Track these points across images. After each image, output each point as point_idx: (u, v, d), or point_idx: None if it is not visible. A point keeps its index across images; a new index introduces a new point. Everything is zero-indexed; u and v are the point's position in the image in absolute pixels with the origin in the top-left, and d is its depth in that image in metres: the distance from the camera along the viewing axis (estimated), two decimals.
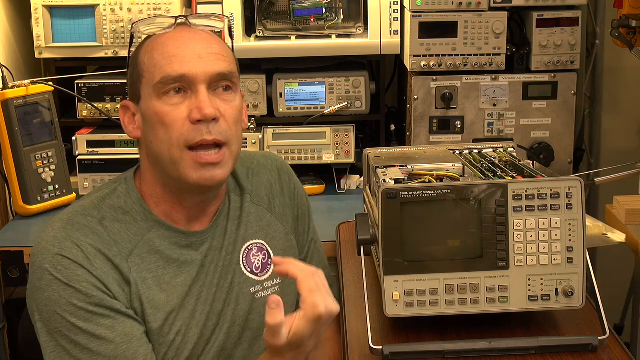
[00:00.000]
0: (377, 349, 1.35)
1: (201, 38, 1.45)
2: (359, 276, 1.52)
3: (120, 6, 2.49)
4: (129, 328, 1.39)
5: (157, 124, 1.41)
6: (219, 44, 1.46)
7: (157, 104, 1.41)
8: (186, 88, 1.41)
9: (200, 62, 1.41)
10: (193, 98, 1.40)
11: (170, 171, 1.43)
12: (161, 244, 1.46)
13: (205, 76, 1.40)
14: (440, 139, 2.47)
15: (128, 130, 1.49)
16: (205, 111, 1.38)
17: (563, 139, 2.47)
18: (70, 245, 1.38)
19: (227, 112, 1.43)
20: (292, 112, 2.55)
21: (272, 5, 2.51)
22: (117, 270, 1.41)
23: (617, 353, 1.36)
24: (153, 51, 1.44)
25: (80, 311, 1.36)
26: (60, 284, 1.36)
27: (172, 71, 1.40)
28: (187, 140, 1.40)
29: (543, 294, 1.39)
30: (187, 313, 1.47)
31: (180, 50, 1.42)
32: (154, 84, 1.41)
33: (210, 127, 1.40)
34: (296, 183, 1.69)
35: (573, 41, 2.41)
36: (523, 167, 1.54)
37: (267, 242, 1.58)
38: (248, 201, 1.59)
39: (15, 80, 2.32)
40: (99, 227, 1.43)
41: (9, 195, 2.36)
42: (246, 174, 1.61)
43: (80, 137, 2.50)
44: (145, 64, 1.43)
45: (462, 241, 1.38)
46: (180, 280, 1.47)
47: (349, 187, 2.54)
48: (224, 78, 1.43)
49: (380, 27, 2.49)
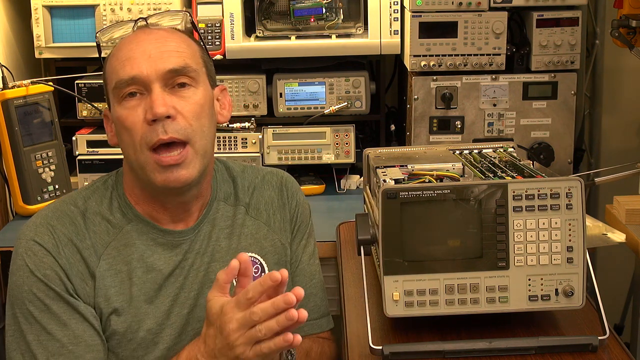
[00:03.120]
0: (377, 349, 1.35)
1: (155, 37, 1.44)
2: (359, 276, 1.52)
3: (120, 6, 2.49)
4: (80, 331, 1.40)
5: (121, 129, 1.43)
6: (175, 41, 1.44)
7: (118, 109, 1.42)
8: (142, 90, 1.40)
9: (150, 62, 1.40)
10: (148, 99, 1.40)
11: (141, 175, 1.44)
12: (138, 238, 1.47)
13: (156, 74, 1.39)
14: (440, 139, 2.46)
15: (108, 138, 1.51)
16: (155, 110, 1.37)
17: (563, 139, 2.47)
18: (44, 231, 1.42)
19: (185, 108, 1.41)
20: (292, 112, 2.55)
21: (272, 5, 2.51)
22: (84, 262, 1.42)
23: (617, 353, 1.36)
24: (112, 57, 1.45)
25: (38, 301, 1.39)
26: (26, 270, 1.39)
27: (124, 74, 1.40)
28: (147, 142, 1.39)
29: (543, 294, 1.39)
30: (159, 312, 1.46)
31: (132, 52, 1.42)
32: (112, 89, 1.43)
33: (166, 125, 1.39)
34: (299, 200, 1.65)
35: (573, 41, 2.41)
36: (523, 167, 1.54)
37: (261, 256, 1.57)
38: (242, 213, 1.57)
39: (15, 80, 2.32)
40: (80, 218, 1.45)
41: (9, 195, 2.36)
42: (247, 187, 1.60)
43: (80, 137, 2.50)
44: (107, 71, 1.45)
45: (462, 241, 1.38)
46: (151, 276, 1.46)
47: (349, 187, 2.54)
48: (177, 74, 1.41)
49: (380, 27, 2.49)
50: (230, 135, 2.49)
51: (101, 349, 1.42)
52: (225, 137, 2.48)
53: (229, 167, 1.62)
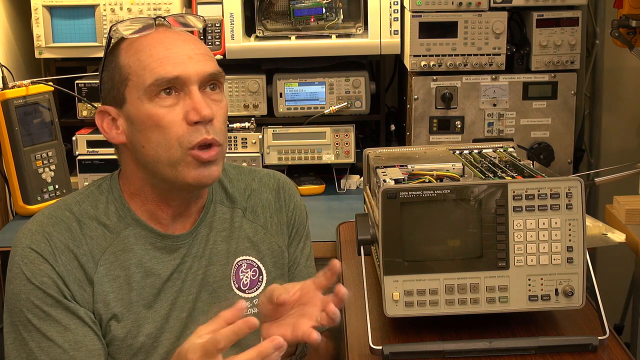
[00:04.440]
0: (377, 349, 1.35)
1: (186, 39, 1.45)
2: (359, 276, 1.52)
3: (120, 6, 2.49)
4: (80, 336, 1.39)
5: (150, 126, 1.40)
6: (202, 45, 1.47)
7: (149, 106, 1.40)
8: (178, 89, 1.40)
9: (192, 63, 1.40)
10: (187, 99, 1.40)
11: (167, 172, 1.42)
12: (135, 243, 1.46)
13: (197, 77, 1.40)
14: (440, 139, 2.47)
15: (110, 136, 1.46)
16: (203, 112, 1.38)
17: (563, 139, 2.47)
18: (40, 239, 1.40)
19: (219, 112, 1.43)
20: (292, 112, 2.55)
21: (272, 5, 2.51)
22: (81, 269, 1.41)
23: (617, 353, 1.36)
24: (139, 53, 1.42)
25: (36, 309, 1.38)
26: (23, 278, 1.38)
27: (166, 73, 1.39)
28: (190, 141, 1.39)
29: (543, 294, 1.39)
30: (158, 317, 1.45)
31: (169, 51, 1.41)
32: (146, 87, 1.39)
33: (208, 127, 1.40)
34: (297, 203, 1.65)
35: (573, 41, 2.41)
36: (523, 167, 1.54)
37: (258, 259, 1.56)
38: (240, 216, 1.57)
39: (15, 80, 2.32)
40: (75, 224, 1.44)
41: (9, 195, 2.36)
42: (244, 189, 1.60)
43: (80, 137, 2.50)
44: (131, 67, 1.41)
45: (462, 241, 1.38)
46: (150, 281, 1.46)
47: (349, 187, 2.54)
48: (213, 78, 1.43)
49: (380, 27, 2.49)
50: (230, 135, 2.49)
51: (102, 353, 1.41)
52: None
53: (224, 170, 1.62)
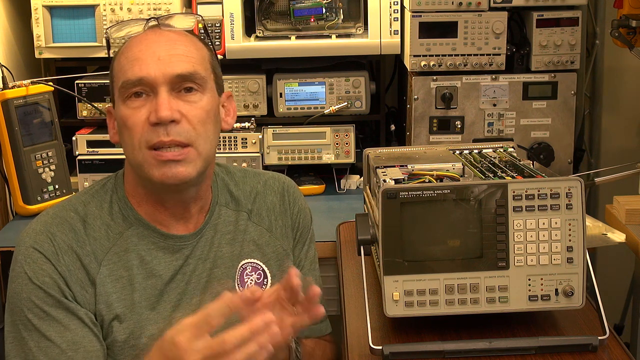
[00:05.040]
0: (377, 349, 1.35)
1: (165, 39, 1.44)
2: (359, 276, 1.52)
3: (120, 6, 2.49)
4: (79, 337, 1.39)
5: (122, 127, 1.43)
6: (185, 45, 1.44)
7: (122, 108, 1.42)
8: (148, 91, 1.40)
9: (159, 64, 1.40)
10: (154, 101, 1.40)
11: (140, 172, 1.43)
12: (138, 243, 1.46)
13: (164, 78, 1.39)
14: (440, 139, 2.47)
15: (110, 135, 1.50)
16: (160, 113, 1.37)
17: (563, 139, 2.47)
18: (43, 239, 1.41)
19: (190, 112, 1.41)
20: (292, 112, 2.55)
21: (272, 5, 2.51)
22: (84, 270, 1.42)
23: (617, 353, 1.36)
24: (121, 55, 1.45)
25: (37, 309, 1.38)
26: (25, 278, 1.39)
27: (132, 75, 1.40)
28: (147, 141, 1.39)
29: (543, 294, 1.39)
30: (161, 318, 1.45)
31: (141, 53, 1.41)
32: (118, 88, 1.42)
33: (169, 129, 1.39)
34: (301, 206, 1.65)
35: (573, 41, 2.41)
36: (523, 167, 1.54)
37: (263, 262, 1.56)
38: (245, 219, 1.57)
39: (15, 80, 2.32)
40: (80, 224, 1.44)
41: (9, 195, 2.36)
42: (249, 192, 1.60)
43: (80, 137, 2.50)
44: (115, 68, 1.45)
45: (462, 241, 1.38)
46: (152, 282, 1.46)
47: (349, 187, 2.54)
48: (185, 79, 1.41)
49: (380, 27, 2.49)
50: (230, 135, 2.49)
51: (101, 355, 1.41)
52: (225, 137, 2.48)
53: (230, 172, 1.62)
